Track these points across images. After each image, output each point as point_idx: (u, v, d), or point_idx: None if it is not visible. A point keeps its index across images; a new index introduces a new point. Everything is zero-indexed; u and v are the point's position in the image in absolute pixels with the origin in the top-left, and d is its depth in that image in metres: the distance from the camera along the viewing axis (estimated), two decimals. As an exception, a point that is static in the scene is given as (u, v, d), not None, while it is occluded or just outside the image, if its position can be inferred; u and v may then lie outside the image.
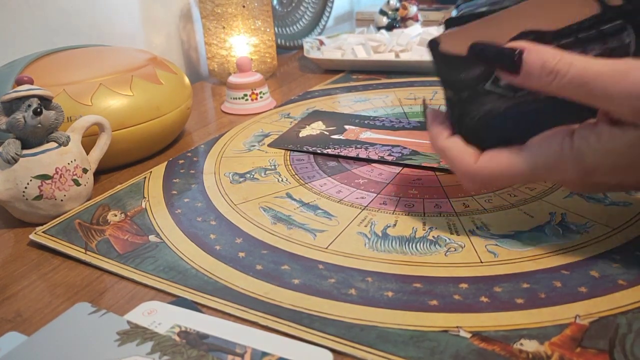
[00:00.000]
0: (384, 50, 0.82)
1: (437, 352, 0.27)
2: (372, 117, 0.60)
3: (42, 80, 0.47)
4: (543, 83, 0.29)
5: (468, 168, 0.33)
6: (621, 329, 0.28)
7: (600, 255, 0.34)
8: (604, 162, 0.29)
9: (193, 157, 0.53)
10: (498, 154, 0.32)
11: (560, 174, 0.31)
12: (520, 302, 0.30)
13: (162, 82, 0.53)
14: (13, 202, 0.41)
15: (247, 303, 0.32)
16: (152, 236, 0.39)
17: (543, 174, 0.31)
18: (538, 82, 0.29)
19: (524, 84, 0.30)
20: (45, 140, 0.42)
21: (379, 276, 0.33)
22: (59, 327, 0.29)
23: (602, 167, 0.29)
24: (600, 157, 0.29)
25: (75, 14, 0.68)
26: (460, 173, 0.34)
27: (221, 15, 0.76)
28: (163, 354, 0.27)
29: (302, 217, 0.41)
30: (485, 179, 0.33)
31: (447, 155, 0.34)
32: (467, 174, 0.33)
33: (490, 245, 0.36)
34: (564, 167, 0.30)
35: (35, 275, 0.36)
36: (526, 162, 0.31)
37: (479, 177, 0.33)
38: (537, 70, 0.29)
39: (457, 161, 0.34)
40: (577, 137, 0.30)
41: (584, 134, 0.29)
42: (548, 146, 0.31)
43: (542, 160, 0.31)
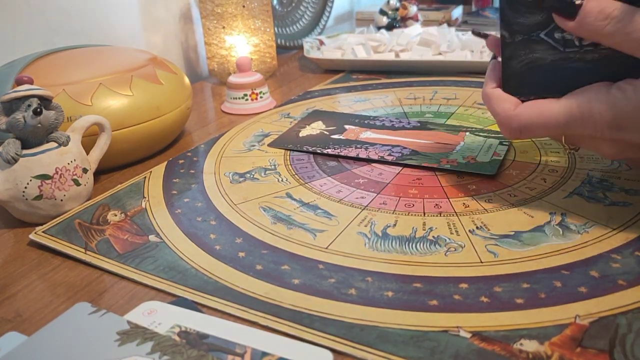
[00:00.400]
0: (384, 50, 0.82)
1: (437, 352, 0.27)
2: (372, 117, 0.60)
3: (42, 80, 0.47)
4: (598, 27, 0.30)
5: (507, 112, 0.35)
6: (621, 329, 0.28)
7: (600, 255, 0.34)
8: (635, 114, 0.31)
9: (193, 157, 0.53)
10: (537, 102, 0.34)
11: (592, 120, 0.32)
12: (520, 302, 0.30)
13: (162, 82, 0.53)
14: (13, 202, 0.41)
15: (247, 303, 0.32)
16: (152, 236, 0.39)
17: (577, 124, 0.33)
18: (593, 25, 0.31)
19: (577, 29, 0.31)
20: (45, 140, 0.42)
21: (379, 276, 0.33)
22: (59, 327, 0.29)
23: (632, 120, 0.31)
24: (633, 108, 0.31)
25: (75, 14, 0.68)
26: (499, 117, 0.36)
27: (221, 15, 0.76)
28: (163, 354, 0.27)
29: (302, 217, 0.41)
30: (522, 124, 0.35)
31: (490, 101, 0.37)
32: (505, 118, 0.35)
33: (490, 245, 0.36)
34: (595, 113, 0.32)
35: (35, 275, 0.36)
36: (562, 109, 0.33)
37: (516, 122, 0.35)
38: (594, 14, 0.30)
39: (497, 106, 0.36)
40: (615, 87, 0.32)
41: (622, 85, 0.31)
42: (585, 93, 0.32)
43: (577, 107, 0.32)
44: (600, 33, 0.31)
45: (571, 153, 0.48)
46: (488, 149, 0.49)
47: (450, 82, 0.72)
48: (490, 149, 0.49)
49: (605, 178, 0.43)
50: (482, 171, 0.45)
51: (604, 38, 0.31)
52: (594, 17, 0.30)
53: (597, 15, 0.30)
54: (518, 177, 0.45)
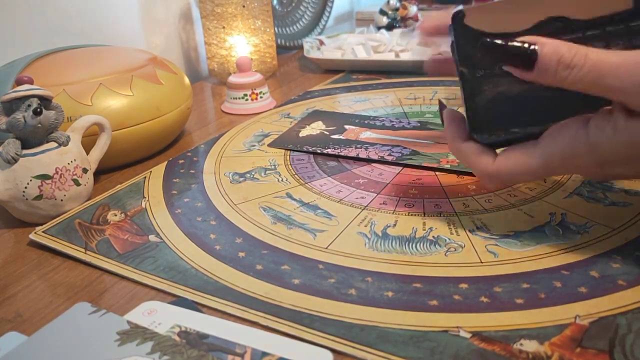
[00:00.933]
0: (384, 50, 0.82)
1: (437, 352, 0.27)
2: (372, 117, 0.60)
3: (42, 80, 0.47)
4: (559, 78, 0.29)
5: (487, 169, 0.34)
6: (621, 329, 0.28)
7: (600, 255, 0.34)
8: (620, 153, 0.29)
9: (193, 157, 0.53)
10: (513, 152, 0.33)
11: (576, 165, 0.31)
12: (520, 302, 0.30)
13: (162, 82, 0.53)
14: (13, 202, 0.41)
15: (247, 303, 0.32)
16: (152, 236, 0.39)
17: (559, 166, 0.31)
18: (554, 77, 0.29)
19: (537, 79, 0.30)
20: (45, 140, 0.42)
21: (379, 276, 0.33)
22: (59, 327, 0.29)
23: (618, 157, 0.29)
24: (616, 148, 0.29)
25: (75, 14, 0.68)
26: (479, 174, 0.34)
27: (221, 15, 0.76)
28: (163, 354, 0.27)
29: (302, 217, 0.41)
30: (504, 177, 0.33)
31: (465, 158, 0.35)
32: (486, 174, 0.34)
33: (490, 245, 0.36)
34: (579, 158, 0.30)
35: (35, 275, 0.36)
36: (542, 157, 0.31)
37: (496, 179, 0.34)
38: (554, 65, 0.29)
39: (475, 163, 0.34)
40: (592, 128, 0.29)
41: (599, 125, 0.29)
42: (562, 139, 0.30)
43: (557, 154, 0.31)
44: (562, 83, 0.29)
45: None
46: (488, 149, 0.49)
47: (450, 82, 0.72)
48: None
49: (605, 178, 0.43)
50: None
51: (569, 86, 0.29)
52: (553, 69, 0.29)
53: (556, 66, 0.28)
54: (518, 177, 0.45)
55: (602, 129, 0.29)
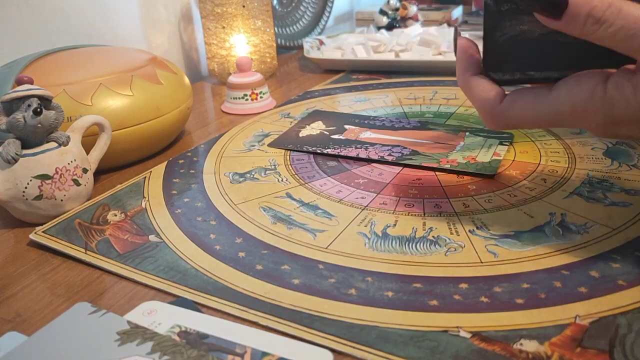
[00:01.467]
0: (384, 50, 0.82)
1: (437, 352, 0.27)
2: (372, 117, 0.60)
3: (42, 80, 0.47)
4: (586, 31, 0.27)
5: (492, 108, 0.32)
6: (621, 329, 0.28)
7: (600, 255, 0.34)
8: (635, 114, 0.28)
9: (193, 157, 0.53)
10: (524, 96, 0.31)
11: (587, 120, 0.30)
12: (520, 302, 0.30)
13: (162, 82, 0.53)
14: (13, 202, 0.41)
15: (247, 303, 0.32)
16: (152, 236, 0.39)
17: (568, 119, 0.30)
18: (581, 29, 0.27)
19: (564, 29, 0.28)
20: (45, 140, 0.42)
21: (379, 276, 0.33)
22: (59, 327, 0.29)
23: (631, 118, 0.28)
24: (632, 109, 0.28)
25: (75, 14, 0.68)
26: (483, 112, 0.33)
27: (221, 15, 0.76)
28: (163, 354, 0.27)
29: (302, 217, 0.41)
30: (509, 119, 0.32)
31: (472, 92, 0.33)
32: (490, 113, 0.32)
33: (490, 245, 0.36)
34: (590, 114, 0.29)
35: (35, 275, 0.36)
36: (552, 106, 0.30)
37: (503, 118, 0.32)
38: (583, 17, 0.27)
39: (481, 99, 0.33)
40: (611, 85, 0.28)
41: (619, 82, 0.28)
42: (579, 91, 0.29)
43: (568, 104, 0.30)
44: (590, 36, 0.28)
45: (571, 153, 0.48)
46: (488, 149, 0.49)
47: (450, 82, 0.72)
48: (490, 149, 0.49)
49: (605, 178, 0.43)
50: (482, 172, 0.45)
51: (596, 41, 0.28)
52: (582, 21, 0.27)
53: (585, 18, 0.27)
54: (518, 177, 0.45)
55: (621, 88, 0.28)
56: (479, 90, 0.33)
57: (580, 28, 0.27)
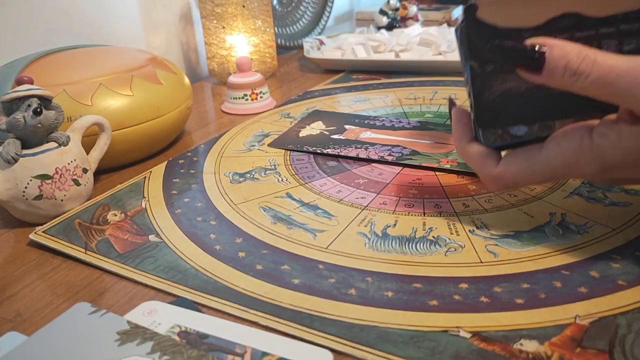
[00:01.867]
0: (384, 50, 0.82)
1: (437, 352, 0.27)
2: (372, 117, 0.60)
3: (42, 80, 0.47)
4: (566, 83, 0.29)
5: (490, 172, 0.34)
6: (621, 330, 0.28)
7: (600, 255, 0.34)
8: (624, 160, 0.29)
9: (193, 157, 0.53)
10: (517, 157, 0.33)
11: (580, 171, 0.31)
12: (520, 302, 0.30)
13: (162, 82, 0.53)
14: (13, 202, 0.41)
15: (247, 303, 0.32)
16: (152, 236, 0.39)
17: (562, 172, 0.31)
18: (561, 81, 0.29)
19: (545, 82, 0.30)
20: (45, 140, 0.42)
21: (379, 276, 0.33)
22: (59, 327, 0.29)
23: (622, 164, 0.29)
24: (620, 155, 0.29)
25: (75, 14, 0.68)
26: (483, 176, 0.35)
27: (221, 15, 0.76)
28: (163, 354, 0.27)
29: (302, 217, 0.41)
30: (507, 181, 0.33)
31: (470, 159, 0.35)
32: (489, 178, 0.34)
33: (490, 245, 0.36)
34: (583, 164, 0.30)
35: (35, 275, 0.36)
36: (545, 163, 0.31)
37: (501, 181, 0.33)
38: (560, 70, 0.28)
39: (479, 165, 0.34)
40: (596, 135, 0.29)
41: (604, 132, 0.29)
42: (567, 144, 0.30)
43: (560, 159, 0.31)
44: (571, 88, 0.29)
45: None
46: (488, 149, 0.49)
47: (450, 82, 0.72)
48: (490, 149, 0.49)
49: (605, 178, 0.43)
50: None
51: (578, 91, 0.29)
52: (560, 74, 0.28)
53: (563, 71, 0.28)
54: (518, 177, 0.45)
55: (606, 137, 0.29)
56: (475, 156, 0.34)
57: (560, 80, 0.29)
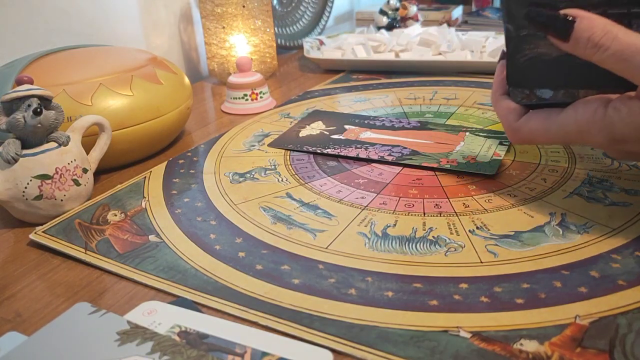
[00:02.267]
0: (384, 50, 0.82)
1: (437, 352, 0.27)
2: (372, 117, 0.60)
3: (42, 80, 0.47)
4: (587, 54, 0.31)
5: (511, 124, 0.37)
6: (621, 329, 0.28)
7: (600, 255, 0.34)
8: (632, 134, 0.31)
9: (193, 157, 0.53)
10: (537, 114, 0.36)
11: (590, 138, 0.33)
12: (520, 302, 0.30)
13: (162, 82, 0.53)
14: (13, 202, 0.41)
15: (247, 303, 0.32)
16: (152, 236, 0.39)
17: (574, 137, 0.34)
18: (583, 51, 0.31)
19: (570, 51, 0.32)
20: (45, 140, 0.42)
21: (379, 276, 0.33)
22: (59, 327, 0.29)
23: (630, 138, 0.32)
24: (629, 130, 0.31)
25: (75, 14, 0.68)
26: (505, 125, 0.38)
27: (221, 15, 0.76)
28: (163, 354, 0.27)
29: (302, 217, 0.41)
30: (523, 134, 0.37)
31: (498, 108, 0.39)
32: (510, 127, 0.38)
33: (490, 245, 0.36)
34: (593, 133, 0.33)
35: (35, 275, 0.36)
36: (560, 125, 0.34)
37: (518, 135, 0.37)
38: (584, 41, 0.31)
39: (504, 115, 0.38)
40: (610, 108, 0.32)
41: (617, 106, 0.32)
42: (582, 112, 0.33)
43: (574, 124, 0.34)
44: (591, 59, 0.31)
45: (571, 153, 0.48)
46: (488, 149, 0.49)
47: (450, 82, 0.72)
48: (490, 149, 0.49)
49: (605, 178, 0.43)
50: (482, 171, 0.45)
51: (597, 63, 0.31)
52: (583, 44, 0.31)
53: (586, 42, 0.31)
54: (518, 177, 0.45)
55: (618, 110, 0.31)
56: (503, 107, 0.38)
57: (583, 50, 0.31)
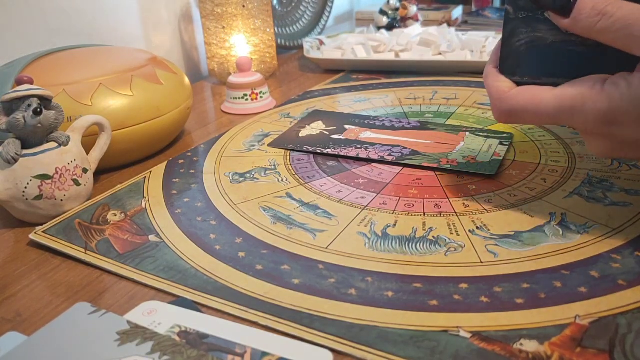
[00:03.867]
0: (384, 50, 0.82)
1: (437, 352, 0.27)
2: (372, 117, 0.60)
3: (42, 80, 0.47)
4: (590, 23, 0.30)
5: (500, 93, 0.35)
6: (621, 329, 0.28)
7: (600, 255, 0.34)
8: (629, 109, 0.30)
9: (193, 157, 0.53)
10: (531, 88, 0.34)
11: (582, 117, 0.32)
12: (520, 302, 0.30)
13: (162, 82, 0.53)
14: (13, 202, 0.41)
15: (247, 303, 0.32)
16: (152, 236, 0.39)
17: (566, 114, 0.32)
18: (586, 22, 0.30)
19: (572, 26, 0.31)
20: (45, 140, 0.42)
21: (379, 276, 0.33)
22: (59, 327, 0.29)
23: (626, 115, 0.30)
24: (626, 103, 0.30)
25: (75, 14, 0.68)
26: (492, 97, 0.35)
27: (221, 15, 0.76)
28: (163, 354, 0.27)
29: (302, 217, 0.41)
30: (512, 106, 0.34)
31: (487, 78, 0.36)
32: (497, 98, 0.35)
33: (490, 245, 0.36)
34: (587, 109, 0.31)
35: (35, 275, 0.36)
36: (554, 99, 0.32)
37: (507, 104, 0.34)
38: (588, 10, 0.30)
39: (492, 85, 0.35)
40: (608, 82, 0.31)
41: (615, 80, 0.31)
42: (579, 84, 0.32)
43: (568, 99, 0.32)
44: (592, 29, 0.30)
45: (571, 153, 0.48)
46: (488, 149, 0.49)
47: (450, 82, 0.72)
48: (490, 149, 0.49)
49: (605, 178, 0.43)
50: (482, 171, 0.45)
51: (598, 35, 0.30)
52: (586, 14, 0.30)
53: (590, 11, 0.30)
54: (518, 177, 0.45)
55: (617, 84, 0.30)
56: (492, 78, 0.36)
57: (585, 20, 0.30)
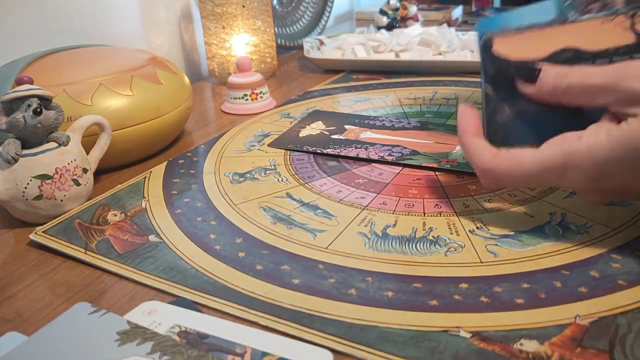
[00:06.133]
0: (384, 50, 0.82)
1: (437, 352, 0.27)
2: (372, 117, 0.60)
3: (42, 80, 0.47)
4: (556, 85, 0.32)
5: (485, 163, 0.35)
6: (621, 329, 0.28)
7: (600, 255, 0.34)
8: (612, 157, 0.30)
9: (193, 157, 0.53)
10: (513, 152, 0.34)
11: (569, 174, 0.32)
12: (520, 302, 0.30)
13: (162, 82, 0.53)
14: (13, 202, 0.41)
15: (247, 303, 0.32)
16: (152, 236, 0.39)
17: (554, 177, 0.32)
18: (552, 85, 0.33)
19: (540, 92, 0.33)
20: (45, 140, 0.42)
21: (379, 276, 0.33)
22: (59, 327, 0.29)
23: (611, 165, 0.30)
24: (609, 153, 0.30)
25: (75, 14, 0.68)
26: (477, 168, 0.36)
27: (221, 15, 0.76)
28: (163, 354, 0.27)
29: (302, 217, 0.41)
30: (498, 176, 0.34)
31: (469, 151, 0.36)
32: (483, 169, 0.35)
33: (490, 245, 0.36)
34: (574, 167, 0.31)
35: (35, 275, 0.36)
36: (538, 160, 0.32)
37: (492, 175, 0.34)
38: (552, 75, 0.33)
39: (476, 156, 0.35)
40: (586, 135, 0.31)
41: (594, 131, 0.31)
42: (561, 143, 0.32)
43: (551, 158, 0.32)
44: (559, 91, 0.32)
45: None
46: (488, 149, 0.49)
47: (450, 82, 0.72)
48: (490, 149, 0.49)
49: (605, 178, 0.43)
50: (482, 171, 0.45)
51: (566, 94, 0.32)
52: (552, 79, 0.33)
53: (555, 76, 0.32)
54: (518, 177, 0.45)
55: (596, 134, 0.31)
56: (475, 147, 0.36)
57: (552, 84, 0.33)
